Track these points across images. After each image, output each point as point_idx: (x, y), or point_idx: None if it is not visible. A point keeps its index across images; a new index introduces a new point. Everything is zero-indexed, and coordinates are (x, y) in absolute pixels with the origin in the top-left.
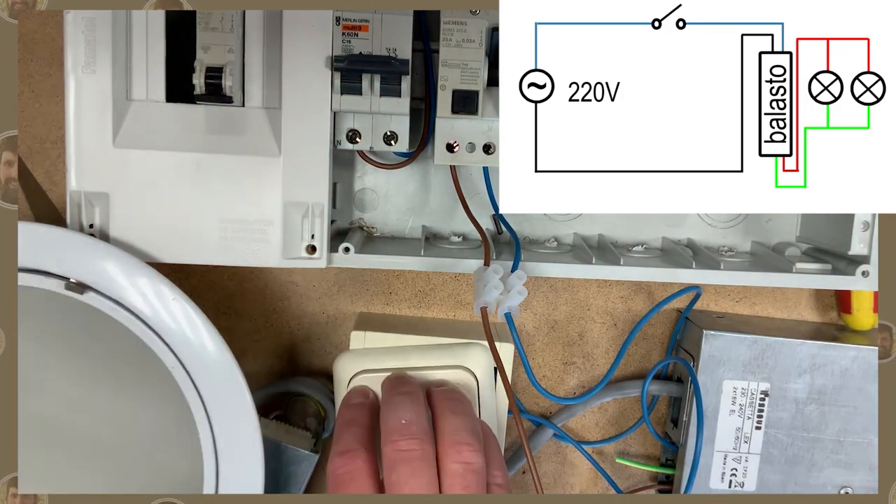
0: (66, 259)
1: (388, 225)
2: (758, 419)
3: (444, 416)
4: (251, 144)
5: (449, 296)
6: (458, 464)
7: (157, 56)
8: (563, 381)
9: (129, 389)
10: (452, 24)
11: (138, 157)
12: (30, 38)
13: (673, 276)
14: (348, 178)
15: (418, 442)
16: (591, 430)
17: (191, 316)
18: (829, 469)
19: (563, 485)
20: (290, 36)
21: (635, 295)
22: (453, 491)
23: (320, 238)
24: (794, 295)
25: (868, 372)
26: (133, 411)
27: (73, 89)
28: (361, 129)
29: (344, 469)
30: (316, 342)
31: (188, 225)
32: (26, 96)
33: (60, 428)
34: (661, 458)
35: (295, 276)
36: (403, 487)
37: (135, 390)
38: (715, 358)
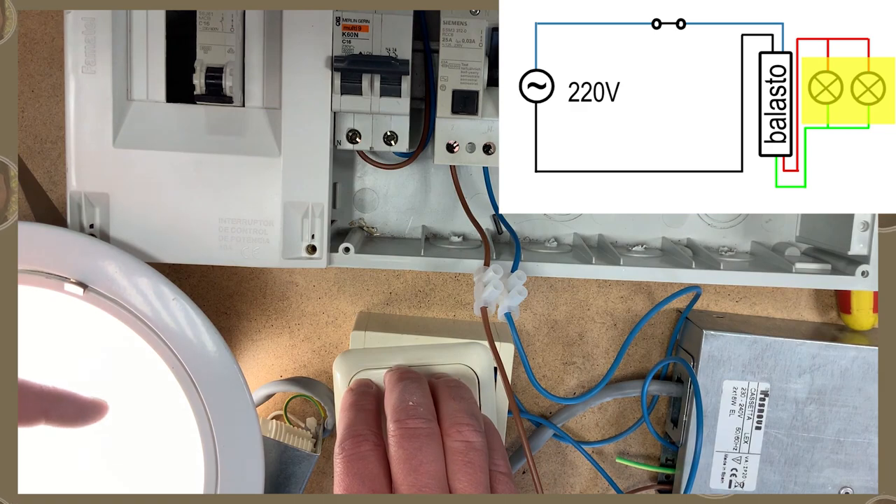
0: (66, 259)
1: (388, 225)
2: (758, 419)
3: (445, 400)
4: (251, 144)
5: (449, 296)
6: (459, 442)
7: (157, 56)
8: (563, 381)
9: (129, 389)
10: (452, 24)
11: (138, 157)
12: (30, 38)
13: (673, 276)
14: (348, 178)
15: (425, 421)
16: (591, 430)
17: (191, 316)
18: (829, 469)
19: (563, 485)
20: (290, 36)
21: (635, 295)
22: (457, 468)
23: (320, 238)
24: (794, 295)
25: (868, 372)
26: (133, 411)
27: (73, 89)
28: (361, 129)
29: (355, 450)
30: (316, 342)
31: (188, 225)
32: (26, 96)
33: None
34: (661, 458)
35: (295, 276)
36: (412, 461)
37: (135, 390)
38: (715, 358)
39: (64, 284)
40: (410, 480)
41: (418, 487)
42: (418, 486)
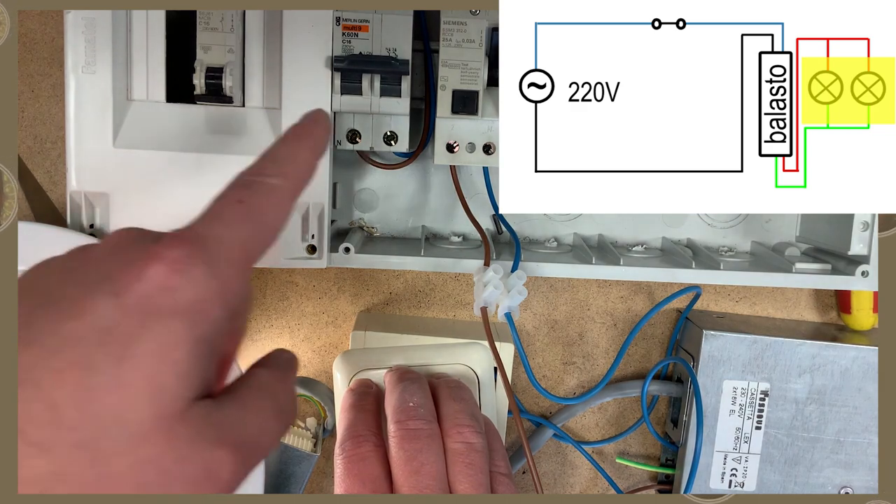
0: None
1: (388, 225)
2: (758, 419)
3: (445, 401)
4: (251, 144)
5: (449, 296)
6: (460, 443)
7: (157, 56)
8: (563, 381)
9: None
10: (452, 24)
11: (138, 157)
12: (30, 38)
13: (673, 276)
14: (348, 178)
15: (426, 422)
16: (591, 430)
17: None
18: (829, 469)
19: (563, 485)
20: (290, 36)
21: (635, 295)
22: (458, 469)
23: (320, 238)
24: (794, 295)
25: (868, 372)
26: None
27: (73, 89)
28: (361, 129)
29: (355, 451)
30: (316, 342)
31: None
32: (26, 96)
33: None
34: (661, 458)
35: (295, 276)
36: (413, 462)
37: None
38: (715, 358)
39: None
40: (412, 482)
41: (420, 489)
42: (420, 487)
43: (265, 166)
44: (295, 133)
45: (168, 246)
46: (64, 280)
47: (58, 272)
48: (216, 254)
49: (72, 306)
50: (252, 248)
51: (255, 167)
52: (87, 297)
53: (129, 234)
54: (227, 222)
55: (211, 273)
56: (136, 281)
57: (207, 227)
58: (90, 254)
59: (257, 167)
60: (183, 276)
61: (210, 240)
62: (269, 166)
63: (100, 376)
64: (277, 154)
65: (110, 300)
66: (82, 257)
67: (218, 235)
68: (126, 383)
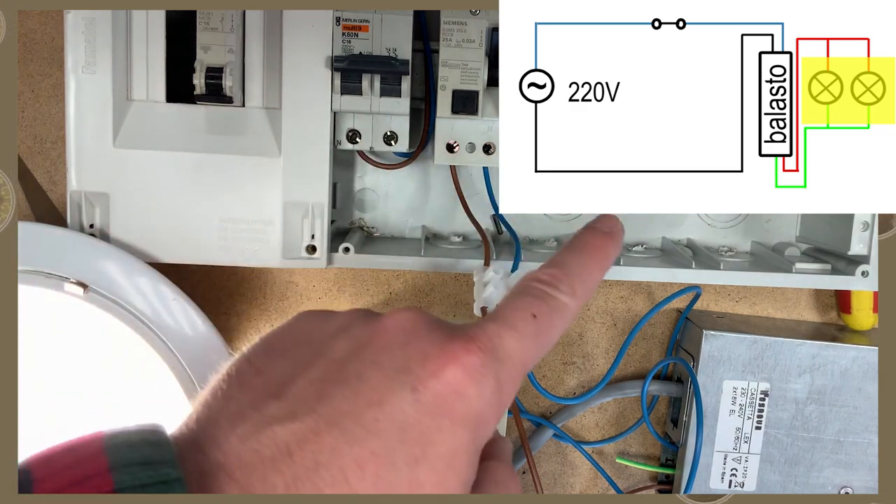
0: (66, 259)
1: (388, 225)
2: (758, 419)
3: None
4: (251, 144)
5: (449, 296)
6: None
7: (157, 56)
8: (562, 381)
9: (129, 389)
10: (452, 24)
11: (138, 157)
12: (30, 38)
13: (673, 276)
14: (348, 178)
15: None
16: (591, 430)
17: (191, 316)
18: (829, 469)
19: (563, 485)
20: (290, 36)
21: (635, 295)
22: None
23: (320, 238)
24: (794, 295)
25: (868, 372)
26: (133, 410)
27: (73, 89)
28: (361, 129)
29: None
30: None
31: (188, 225)
32: (26, 96)
33: (60, 427)
34: (661, 458)
35: (295, 276)
36: None
37: (135, 390)
38: (715, 358)
39: (64, 284)
40: None
41: None
42: None
43: (560, 278)
44: (590, 245)
45: (466, 350)
46: (356, 355)
47: (343, 339)
48: (505, 369)
49: (372, 393)
50: (530, 364)
51: (549, 275)
52: (386, 386)
53: (419, 320)
54: (519, 336)
55: (498, 388)
56: (432, 378)
57: (501, 337)
58: (378, 332)
59: (551, 276)
60: (476, 387)
61: (501, 352)
62: (563, 280)
63: (397, 474)
64: (571, 267)
65: (409, 395)
66: (370, 333)
67: (509, 349)
68: (419, 485)
